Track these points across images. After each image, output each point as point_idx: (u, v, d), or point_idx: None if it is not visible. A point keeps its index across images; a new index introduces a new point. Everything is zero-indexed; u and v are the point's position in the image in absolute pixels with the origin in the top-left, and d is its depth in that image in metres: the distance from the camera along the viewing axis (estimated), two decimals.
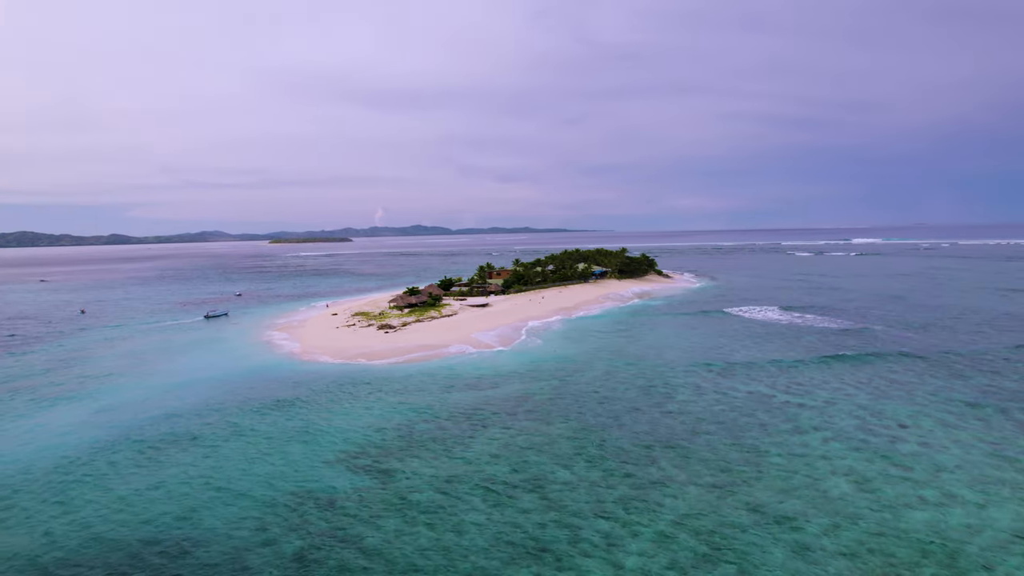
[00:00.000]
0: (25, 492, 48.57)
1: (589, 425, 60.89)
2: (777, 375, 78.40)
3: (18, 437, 61.88)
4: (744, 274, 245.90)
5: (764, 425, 59.62)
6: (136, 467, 52.91)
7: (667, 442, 55.63)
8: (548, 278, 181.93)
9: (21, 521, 43.80)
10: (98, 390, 79.42)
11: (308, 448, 56.56)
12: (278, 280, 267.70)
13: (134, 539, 40.79)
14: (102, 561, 38.28)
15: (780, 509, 42.26)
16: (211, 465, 52.98)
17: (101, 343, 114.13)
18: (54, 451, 57.14)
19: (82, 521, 43.46)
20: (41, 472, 52.37)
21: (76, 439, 60.18)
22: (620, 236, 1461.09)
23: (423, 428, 61.39)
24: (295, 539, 40.08)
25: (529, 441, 56.88)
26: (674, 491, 45.65)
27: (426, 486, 47.74)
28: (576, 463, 51.47)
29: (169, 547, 39.65)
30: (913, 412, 62.04)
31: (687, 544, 38.10)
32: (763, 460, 50.99)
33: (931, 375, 76.64)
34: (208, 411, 68.28)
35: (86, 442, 59.26)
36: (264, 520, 42.83)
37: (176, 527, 42.23)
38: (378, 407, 68.45)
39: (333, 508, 44.48)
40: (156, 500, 46.46)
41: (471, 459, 52.95)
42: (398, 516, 42.91)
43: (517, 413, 65.41)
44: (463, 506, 44.23)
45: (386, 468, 51.45)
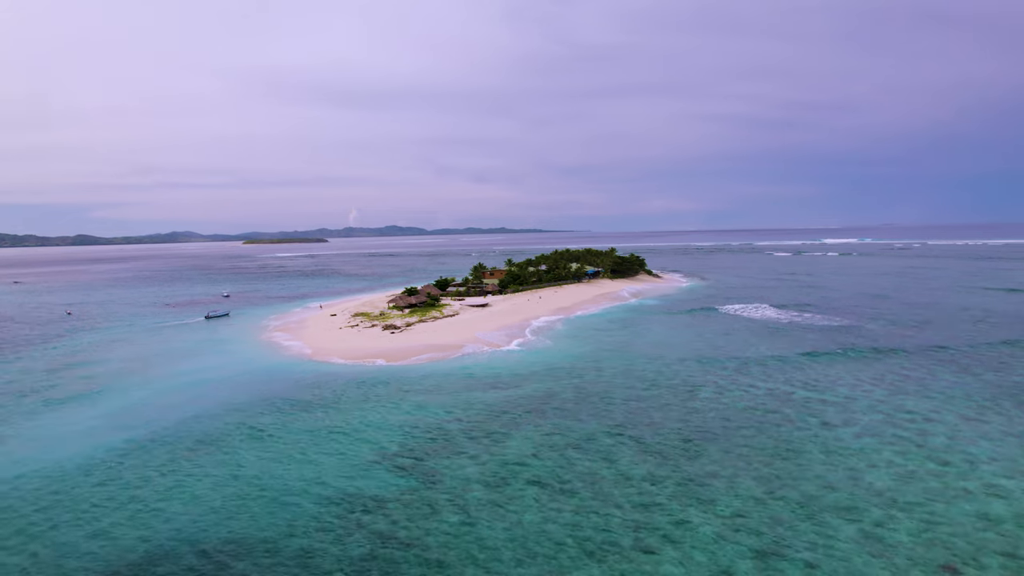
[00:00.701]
0: (67, 500, 47.21)
1: (622, 422, 61.25)
2: (791, 372, 79.71)
3: (41, 441, 60.18)
4: (730, 274, 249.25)
5: (792, 420, 60.62)
6: (172, 471, 51.79)
7: (703, 438, 56.25)
8: (543, 278, 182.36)
9: (71, 530, 42.59)
10: (113, 392, 77.56)
11: (344, 449, 55.97)
12: (263, 281, 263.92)
13: (194, 544, 39.98)
14: (174, 567, 37.47)
15: (832, 501, 43.06)
16: (250, 468, 52.10)
17: (102, 344, 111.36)
18: (84, 456, 55.63)
19: (136, 528, 42.44)
20: (76, 478, 50.97)
21: (104, 443, 58.69)
22: (597, 236, 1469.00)
23: (455, 428, 61.15)
24: (360, 541, 39.67)
25: (566, 439, 57.03)
26: (724, 485, 46.21)
27: (475, 485, 47.59)
28: (619, 460, 51.75)
29: (231, 552, 38.95)
30: (934, 407, 63.62)
31: (751, 536, 38.64)
32: (801, 454, 51.85)
33: (940, 370, 78.63)
34: (231, 413, 67.10)
35: (115, 446, 57.83)
36: (322, 522, 42.28)
37: (234, 531, 41.48)
38: (404, 407, 67.98)
39: (386, 508, 44.12)
40: (204, 504, 45.57)
41: (513, 458, 52.91)
42: (455, 516, 42.72)
43: (545, 411, 65.51)
44: (518, 505, 44.20)
45: (429, 468, 51.16)
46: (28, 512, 45.03)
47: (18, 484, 49.95)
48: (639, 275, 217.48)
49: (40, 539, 41.21)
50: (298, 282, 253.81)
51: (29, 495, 47.87)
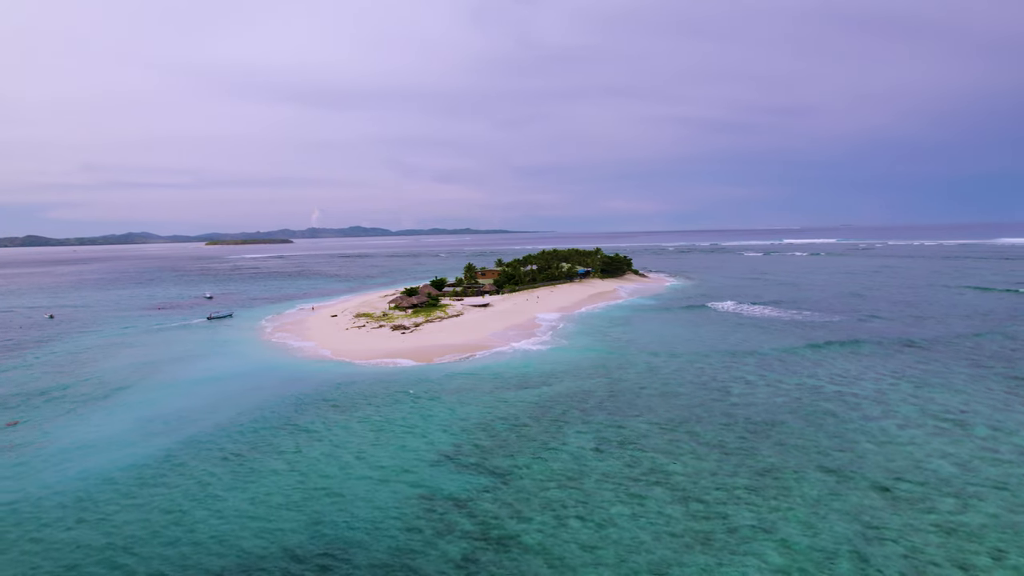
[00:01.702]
0: (134, 510, 45.70)
1: (669, 418, 62.03)
2: (812, 367, 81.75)
3: (83, 449, 57.91)
4: (711, 273, 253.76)
5: (833, 413, 62.28)
6: (233, 477, 50.53)
7: (754, 431, 57.41)
8: (536, 278, 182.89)
9: (148, 540, 41.21)
10: (136, 397, 75.19)
11: (401, 449, 55.41)
12: (241, 283, 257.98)
13: (287, 550, 39.15)
14: (274, 570, 36.61)
15: (906, 490, 44.53)
16: (313, 471, 51.19)
17: (105, 348, 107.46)
18: (132, 464, 53.87)
19: (221, 537, 41.31)
20: (133, 487, 49.37)
21: (148, 450, 56.87)
22: (563, 237, 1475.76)
23: (504, 426, 61.05)
24: (456, 540, 39.41)
25: (621, 435, 57.51)
26: (793, 476, 47.30)
27: (549, 483, 47.68)
28: (682, 455, 52.45)
29: (328, 555, 38.25)
30: (964, 399, 66.15)
31: (841, 523, 39.74)
32: (856, 445, 53.37)
33: (954, 363, 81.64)
34: (270, 416, 65.70)
35: (159, 452, 56.11)
36: (408, 523, 41.88)
37: (320, 535, 40.79)
38: (444, 406, 67.54)
39: (470, 507, 43.91)
40: (282, 509, 44.63)
41: (575, 455, 53.14)
42: (544, 513, 42.78)
43: (588, 409, 65.90)
44: (600, 500, 44.47)
45: (496, 466, 51.03)
46: (96, 526, 43.41)
47: (74, 494, 48.08)
48: (626, 275, 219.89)
49: (126, 553, 39.75)
50: (278, 283, 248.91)
51: (93, 508, 46.13)
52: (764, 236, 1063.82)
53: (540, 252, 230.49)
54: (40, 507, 45.73)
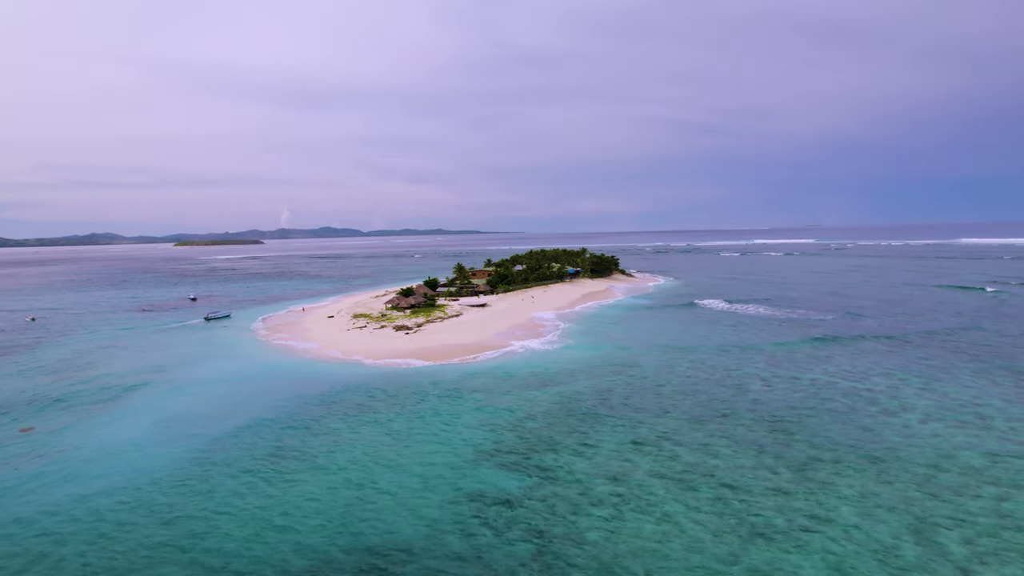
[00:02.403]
0: (178, 517, 44.71)
1: (697, 415, 62.86)
2: (820, 363, 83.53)
3: (109, 454, 56.41)
4: (694, 273, 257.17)
5: (853, 409, 63.82)
6: (269, 480, 49.74)
7: (784, 427, 58.52)
8: (528, 278, 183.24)
9: (194, 550, 40.36)
10: (148, 399, 73.53)
11: (440, 448, 55.19)
12: (221, 284, 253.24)
13: (349, 552, 38.77)
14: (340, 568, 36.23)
15: (945, 481, 45.89)
16: (352, 473, 50.70)
17: (101, 350, 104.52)
18: (158, 470, 52.64)
19: (267, 544, 40.67)
20: (165, 494, 48.23)
21: (174, 453, 55.62)
22: (535, 238, 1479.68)
23: (534, 424, 61.21)
24: (519, 538, 39.46)
25: (654, 432, 58.10)
26: (832, 468, 48.38)
27: (597, 480, 47.98)
28: (719, 450, 53.22)
29: (392, 558, 37.96)
30: (974, 392, 68.38)
31: (893, 513, 40.83)
32: (884, 440, 54.74)
33: (955, 358, 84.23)
34: (291, 417, 64.82)
35: (187, 456, 54.96)
36: (464, 523, 41.77)
37: (382, 537, 40.42)
38: (469, 406, 67.41)
39: (524, 505, 43.98)
40: (331, 513, 44.10)
41: (616, 451, 53.55)
42: (600, 509, 43.06)
43: (614, 406, 66.41)
44: (653, 495, 44.93)
45: (539, 464, 51.16)
46: (138, 536, 42.38)
47: (107, 504, 46.84)
48: (614, 274, 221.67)
49: (170, 564, 38.89)
50: (261, 284, 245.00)
51: (129, 518, 45.00)
52: (732, 236, 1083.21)
53: (528, 252, 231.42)
54: (77, 517, 44.46)
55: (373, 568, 36.57)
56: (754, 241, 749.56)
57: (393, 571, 36.23)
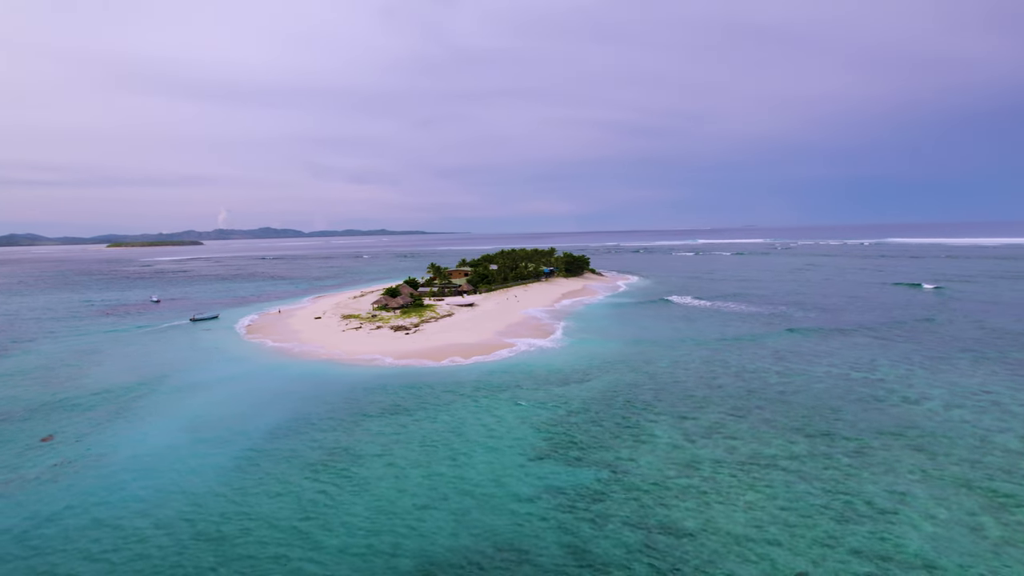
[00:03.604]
0: (254, 527, 43.13)
1: (733, 407, 64.81)
2: (825, 355, 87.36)
3: (142, 460, 53.64)
4: (658, 271, 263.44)
5: (876, 397, 67.14)
6: (338, 486, 48.52)
7: (820, 416, 61.06)
8: (508, 277, 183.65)
9: (307, 558, 39.21)
10: (159, 405, 70.17)
11: (497, 447, 55.06)
12: (182, 285, 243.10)
13: (456, 552, 38.37)
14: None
15: (994, 463, 48.94)
16: (412, 474, 50.00)
17: (88, 354, 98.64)
18: (202, 476, 50.56)
19: (369, 545, 39.87)
20: (219, 500, 46.46)
21: (211, 461, 53.37)
22: (480, 238, 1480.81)
23: (579, 420, 61.82)
24: (620, 530, 39.95)
25: (699, 425, 59.62)
26: (885, 455, 50.86)
27: (667, 472, 48.95)
28: (770, 440, 55.09)
29: (499, 556, 37.85)
30: (980, 380, 73.02)
31: (961, 495, 43.31)
32: (919, 426, 57.81)
33: (946, 349, 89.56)
34: (323, 421, 63.25)
35: (228, 461, 52.95)
36: (559, 519, 41.93)
37: (480, 538, 40.16)
38: (507, 404, 67.42)
39: (607, 500, 44.48)
40: (413, 513, 43.53)
41: (672, 444, 54.69)
42: (685, 500, 44.02)
43: (648, 402, 67.65)
44: (728, 485, 46.18)
45: (603, 459, 51.76)
46: (205, 545, 40.79)
47: (153, 511, 44.80)
48: (585, 273, 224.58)
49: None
50: (221, 286, 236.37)
51: (188, 528, 43.21)
52: (676, 236, 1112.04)
53: (500, 252, 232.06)
54: (133, 526, 42.36)
55: (493, 569, 36.37)
56: (698, 241, 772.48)
57: (516, 571, 36.12)
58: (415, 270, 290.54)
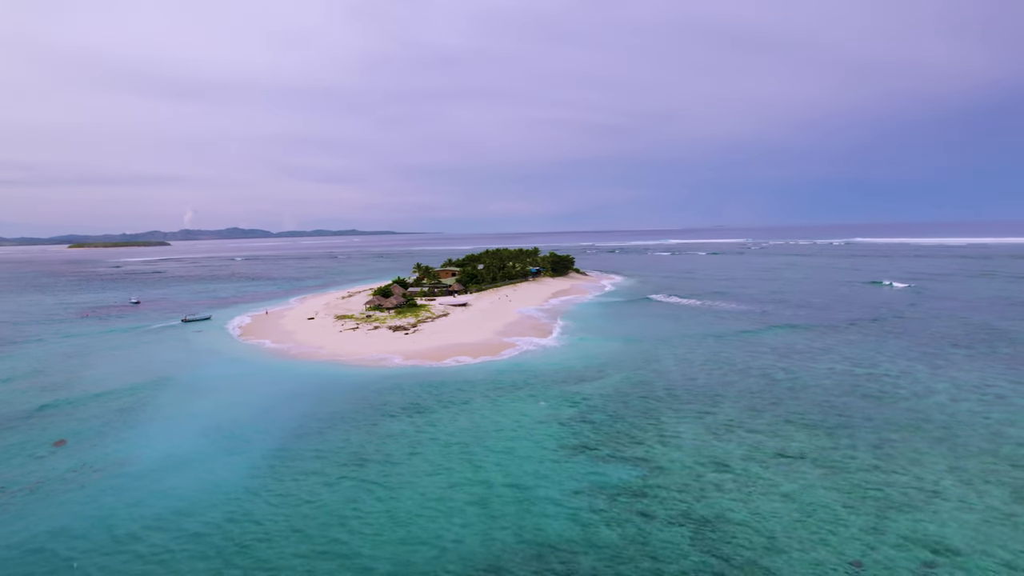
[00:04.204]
0: (303, 531, 42.56)
1: (750, 404, 65.94)
2: (824, 351, 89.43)
3: (163, 470, 52.44)
4: (639, 271, 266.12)
5: (885, 392, 69.08)
6: (376, 488, 48.11)
7: (834, 411, 62.56)
8: (497, 277, 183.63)
9: (361, 566, 38.78)
10: (170, 408, 68.62)
11: (526, 445, 55.17)
12: (159, 287, 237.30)
13: (524, 546, 38.37)
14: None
15: (1012, 452, 50.75)
16: (457, 474, 49.88)
17: (75, 358, 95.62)
18: (246, 483, 49.73)
19: (423, 546, 39.65)
20: (260, 506, 45.75)
21: (237, 466, 52.42)
22: (453, 238, 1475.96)
23: (602, 418, 62.25)
24: (668, 526, 40.42)
25: (720, 421, 60.55)
26: (907, 448, 52.36)
27: (700, 467, 49.65)
28: (794, 435, 56.21)
29: (553, 554, 38.04)
30: (979, 376, 75.35)
31: (991, 486, 44.84)
32: (932, 419, 59.61)
33: (938, 345, 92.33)
34: (344, 422, 62.66)
35: (264, 468, 52.07)
36: (607, 514, 42.30)
37: (530, 535, 40.26)
38: (524, 403, 67.56)
39: (649, 495, 44.96)
40: (459, 513, 43.46)
41: (701, 440, 55.45)
42: (724, 494, 44.70)
43: (664, 399, 68.44)
44: (763, 478, 47.04)
45: (635, 456, 52.25)
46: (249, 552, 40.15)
47: (194, 515, 43.92)
48: (570, 273, 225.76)
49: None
50: (200, 287, 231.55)
51: (249, 527, 42.47)
52: (647, 236, 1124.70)
53: (485, 251, 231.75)
54: (178, 529, 41.46)
55: (553, 567, 36.47)
56: (670, 241, 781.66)
57: (574, 568, 36.29)
58: (394, 270, 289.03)
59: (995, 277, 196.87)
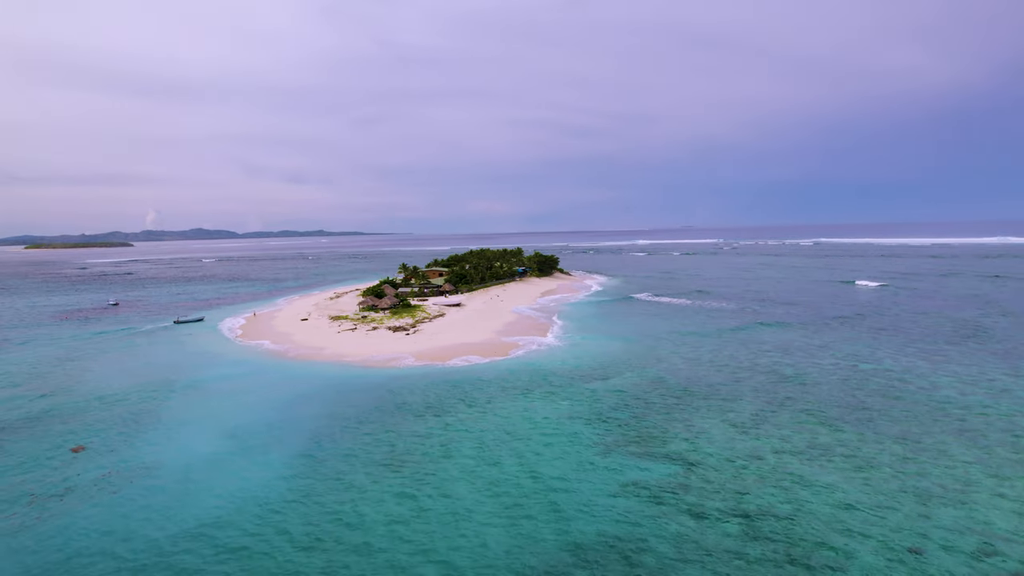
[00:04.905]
0: (355, 536, 42.00)
1: (768, 399, 67.17)
2: (824, 348, 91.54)
3: (204, 475, 51.29)
4: (621, 270, 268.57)
5: (895, 387, 70.96)
6: (415, 490, 47.78)
7: (851, 406, 64.12)
8: (485, 277, 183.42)
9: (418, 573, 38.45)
10: (183, 412, 67.04)
11: (557, 443, 55.36)
12: (135, 288, 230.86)
13: (570, 551, 38.53)
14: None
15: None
16: (495, 473, 49.82)
17: (69, 362, 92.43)
18: (283, 487, 48.91)
19: (480, 548, 39.50)
20: (314, 510, 45.06)
21: (278, 471, 51.63)
22: (424, 239, 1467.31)
23: (625, 416, 62.74)
24: (718, 519, 40.99)
25: (742, 417, 61.53)
26: (931, 440, 53.94)
27: (736, 462, 50.45)
28: (818, 430, 57.46)
29: (612, 551, 38.27)
30: (977, 370, 78.03)
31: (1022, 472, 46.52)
32: (948, 412, 61.48)
33: (933, 340, 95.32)
34: (369, 423, 62.11)
35: (296, 472, 51.30)
36: (654, 510, 42.73)
37: (581, 534, 40.44)
38: (544, 402, 67.75)
39: (692, 491, 45.54)
40: (506, 513, 43.38)
41: (729, 436, 56.30)
42: (767, 487, 45.52)
43: (682, 396, 69.27)
44: (803, 473, 47.92)
45: (666, 452, 52.84)
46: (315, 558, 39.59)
47: (235, 522, 43.08)
48: (554, 273, 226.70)
49: None
50: (178, 288, 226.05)
51: (275, 532, 41.77)
52: (622, 237, 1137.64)
53: (469, 252, 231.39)
54: (225, 536, 40.61)
55: (613, 565, 36.71)
56: (640, 241, 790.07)
57: (640, 564, 36.58)
58: (371, 271, 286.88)
59: (963, 276, 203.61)
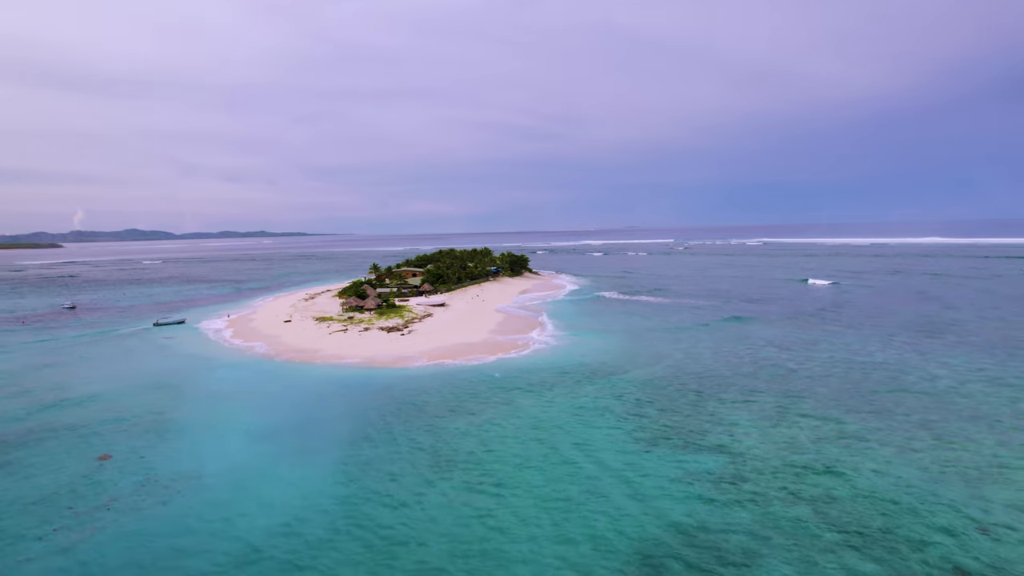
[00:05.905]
0: (423, 539, 41.34)
1: (781, 392, 69.37)
2: (815, 343, 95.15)
3: (248, 482, 49.39)
4: (587, 271, 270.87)
5: (896, 379, 74.02)
6: (468, 493, 47.41)
7: (861, 396, 66.97)
8: (462, 277, 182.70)
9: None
10: (201, 416, 64.31)
11: (594, 440, 55.78)
12: (89, 291, 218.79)
13: (642, 547, 39.11)
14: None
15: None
16: (542, 473, 49.96)
17: (48, 368, 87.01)
18: (325, 490, 47.72)
19: (551, 549, 39.63)
20: (381, 511, 44.24)
21: (315, 473, 50.34)
22: (364, 239, 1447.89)
23: (653, 411, 63.73)
24: (786, 505, 42.34)
25: (763, 410, 63.41)
26: (950, 427, 56.82)
27: (780, 452, 52.00)
28: (842, 418, 59.71)
29: (681, 548, 39.14)
30: (965, 360, 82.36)
31: None
32: (955, 402, 64.75)
33: (914, 334, 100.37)
34: (391, 425, 61.21)
35: (339, 476, 50.13)
36: (717, 501, 43.72)
37: (650, 528, 41.10)
38: (567, 399, 68.15)
39: (747, 480, 46.75)
40: (567, 512, 43.65)
41: (759, 428, 57.92)
42: (817, 475, 47.09)
43: (698, 390, 70.88)
44: (846, 459, 49.77)
45: (705, 444, 54.09)
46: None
47: (295, 528, 42.01)
48: (524, 273, 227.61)
49: None
50: (136, 291, 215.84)
51: (336, 536, 40.94)
52: (569, 237, 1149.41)
53: (438, 251, 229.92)
54: (288, 546, 39.45)
55: (687, 561, 37.51)
56: (586, 241, 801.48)
57: (725, 550, 37.47)
58: (331, 271, 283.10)
59: (909, 274, 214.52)
